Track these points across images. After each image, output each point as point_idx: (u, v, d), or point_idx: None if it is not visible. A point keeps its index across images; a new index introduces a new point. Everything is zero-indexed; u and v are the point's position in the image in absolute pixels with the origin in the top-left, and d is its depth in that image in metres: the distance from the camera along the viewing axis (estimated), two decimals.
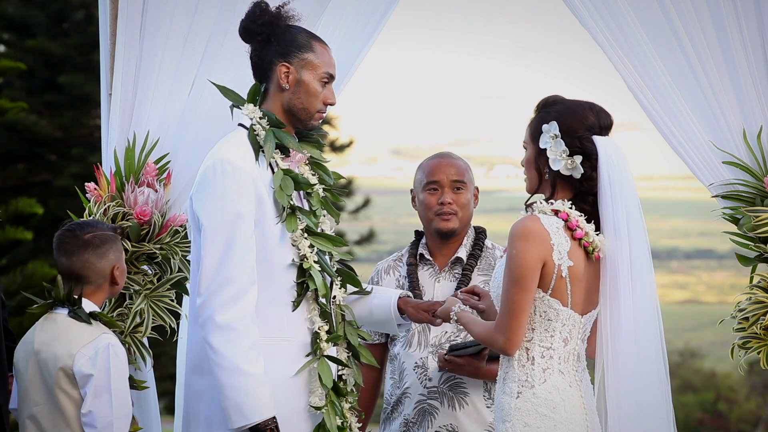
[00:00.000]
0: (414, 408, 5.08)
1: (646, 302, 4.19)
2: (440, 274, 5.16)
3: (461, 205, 5.14)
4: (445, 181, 5.13)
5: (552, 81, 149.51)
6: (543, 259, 4.15)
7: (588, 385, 4.27)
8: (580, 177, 4.22)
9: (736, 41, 4.94)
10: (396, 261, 5.29)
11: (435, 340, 5.08)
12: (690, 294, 67.29)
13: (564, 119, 4.24)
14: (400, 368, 5.13)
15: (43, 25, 19.47)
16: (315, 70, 4.50)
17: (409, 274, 5.18)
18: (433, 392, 5.06)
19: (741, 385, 26.44)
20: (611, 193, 4.18)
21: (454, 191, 5.13)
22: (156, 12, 5.09)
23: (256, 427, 4.25)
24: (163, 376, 15.75)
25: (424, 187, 5.17)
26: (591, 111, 4.25)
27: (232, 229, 4.31)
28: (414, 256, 5.22)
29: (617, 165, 4.19)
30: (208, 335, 4.28)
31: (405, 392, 5.10)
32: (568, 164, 4.22)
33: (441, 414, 5.04)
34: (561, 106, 4.27)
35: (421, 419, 5.06)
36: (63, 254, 4.44)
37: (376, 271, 5.31)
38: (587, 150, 4.21)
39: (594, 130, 4.23)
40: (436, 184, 5.14)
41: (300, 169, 4.54)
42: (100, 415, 4.27)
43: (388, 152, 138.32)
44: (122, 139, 5.09)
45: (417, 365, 5.08)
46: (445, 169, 5.15)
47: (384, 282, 5.24)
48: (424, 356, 5.08)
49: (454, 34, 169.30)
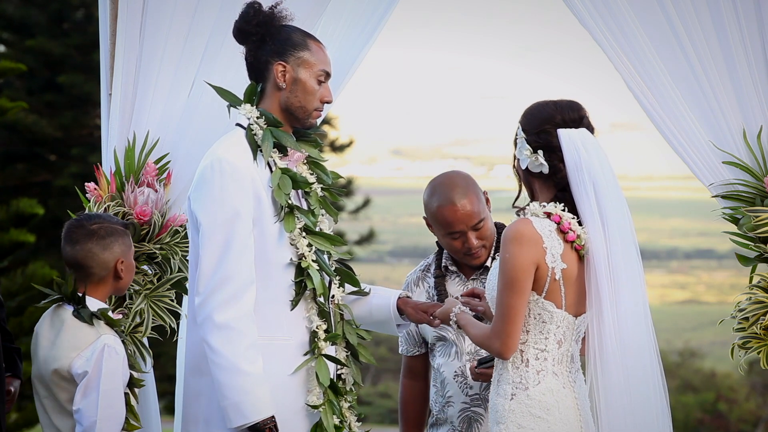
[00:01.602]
0: (459, 416, 5.05)
1: (630, 297, 4.16)
2: (467, 282, 5.10)
3: (486, 237, 5.02)
4: (466, 229, 4.98)
5: (552, 81, 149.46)
6: (536, 262, 4.15)
7: (582, 386, 4.27)
8: (550, 172, 4.23)
9: (736, 41, 4.94)
10: (423, 272, 5.22)
11: (471, 348, 5.04)
12: (690, 294, 67.23)
13: (526, 119, 4.29)
14: (440, 377, 5.10)
15: (43, 25, 19.46)
16: (311, 68, 4.50)
17: (437, 286, 5.13)
18: (476, 399, 5.04)
19: (741, 385, 26.44)
20: (581, 182, 4.17)
21: (476, 230, 4.99)
22: (156, 12, 5.09)
23: (255, 426, 4.26)
24: (163, 376, 15.75)
25: (444, 236, 5.02)
26: (554, 106, 4.27)
27: (231, 228, 4.32)
28: (439, 267, 5.16)
29: (585, 154, 4.18)
30: (207, 335, 4.28)
31: (448, 401, 5.08)
32: (533, 161, 4.24)
33: (486, 420, 5.00)
34: (528, 109, 4.32)
35: (468, 427, 5.04)
36: (68, 243, 4.46)
37: (406, 284, 5.24)
38: (547, 144, 4.22)
39: (557, 124, 4.23)
40: (457, 234, 4.99)
41: (298, 168, 4.54)
42: (86, 414, 4.29)
43: (388, 152, 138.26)
44: (122, 139, 5.10)
45: (456, 374, 5.05)
46: (462, 219, 4.95)
47: (414, 294, 5.17)
48: (462, 365, 5.04)
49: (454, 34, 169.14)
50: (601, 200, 4.18)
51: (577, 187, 4.19)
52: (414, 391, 5.29)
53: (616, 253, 4.17)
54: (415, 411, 5.29)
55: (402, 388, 5.33)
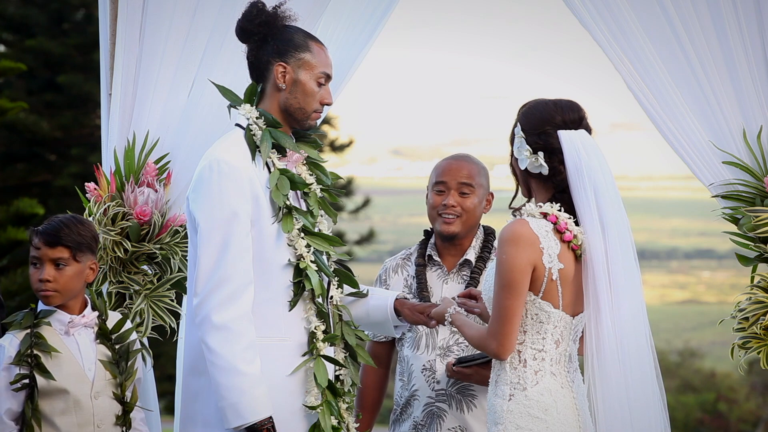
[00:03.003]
0: (423, 410, 5.07)
1: (628, 299, 4.16)
2: (448, 275, 5.15)
3: (466, 208, 5.10)
4: (452, 183, 5.10)
5: (552, 81, 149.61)
6: (533, 263, 4.15)
7: (580, 386, 4.26)
8: (549, 173, 4.23)
9: (736, 41, 4.94)
10: (404, 260, 5.27)
11: (443, 343, 5.07)
12: (690, 294, 67.28)
13: (525, 119, 4.27)
14: (408, 370, 5.12)
15: (43, 25, 19.48)
16: (311, 70, 4.50)
17: (418, 275, 5.17)
18: (441, 395, 5.05)
19: (741, 385, 26.43)
20: (581, 185, 4.17)
21: (460, 194, 5.10)
22: (156, 12, 5.09)
23: (253, 427, 4.25)
24: (163, 376, 15.76)
25: (432, 187, 5.16)
26: (555, 107, 4.26)
27: (229, 228, 4.31)
28: (423, 256, 5.20)
29: (585, 156, 4.17)
30: (205, 335, 4.28)
31: (413, 394, 5.10)
32: (533, 162, 4.24)
33: (449, 417, 5.03)
34: (526, 107, 4.30)
35: (430, 422, 5.05)
36: None
37: (384, 269, 5.30)
38: (549, 145, 4.21)
39: (557, 125, 4.23)
40: (443, 186, 5.12)
41: (297, 169, 4.54)
42: None
43: (388, 152, 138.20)
44: (122, 139, 5.09)
45: (425, 368, 5.07)
46: (455, 172, 5.11)
47: (391, 280, 5.24)
48: (432, 359, 5.06)
49: (454, 34, 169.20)
50: (600, 203, 4.18)
51: (577, 189, 4.18)
52: (374, 378, 5.29)
53: (614, 255, 4.17)
54: (373, 398, 5.30)
55: (362, 372, 5.30)
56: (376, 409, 5.35)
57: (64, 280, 4.42)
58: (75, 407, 4.39)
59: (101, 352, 4.48)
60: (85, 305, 4.50)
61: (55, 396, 4.36)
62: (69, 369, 4.39)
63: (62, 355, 4.38)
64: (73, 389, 4.38)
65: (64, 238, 4.41)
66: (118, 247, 4.95)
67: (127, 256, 4.96)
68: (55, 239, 4.41)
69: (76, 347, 4.44)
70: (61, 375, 4.36)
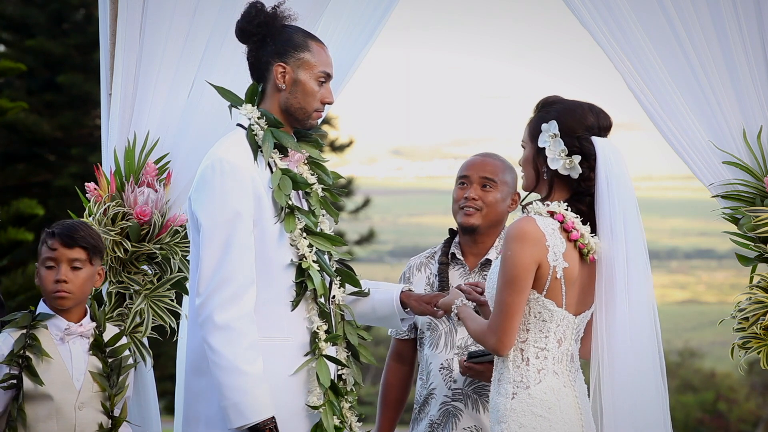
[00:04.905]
0: (439, 409, 5.07)
1: (643, 304, 4.19)
2: (470, 275, 5.16)
3: (487, 202, 5.11)
4: (474, 177, 5.14)
5: (552, 81, 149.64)
6: (538, 260, 4.15)
7: (582, 385, 4.27)
8: (577, 177, 4.22)
9: (736, 41, 4.94)
10: (428, 258, 5.28)
11: (461, 342, 5.07)
12: (690, 294, 67.28)
13: (564, 119, 4.24)
14: (427, 369, 5.13)
15: (43, 25, 19.49)
16: (311, 70, 4.50)
17: (440, 273, 5.18)
18: (458, 394, 5.06)
19: (741, 385, 26.45)
20: (609, 194, 4.18)
21: (482, 188, 5.13)
22: (156, 12, 5.09)
23: (255, 426, 4.25)
24: (163, 376, 15.75)
25: (456, 181, 5.21)
26: (591, 112, 4.26)
27: (231, 228, 4.31)
28: (446, 254, 5.22)
29: (615, 166, 4.19)
30: (207, 335, 4.28)
31: (431, 393, 5.11)
32: (566, 164, 4.22)
33: (465, 416, 5.04)
34: (561, 105, 4.27)
35: (446, 421, 5.06)
36: None
37: (408, 267, 5.32)
38: (586, 150, 4.21)
39: (593, 131, 4.24)
40: (466, 179, 5.16)
41: (299, 168, 4.54)
42: None
43: (388, 152, 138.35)
44: (122, 139, 5.09)
45: (443, 366, 5.08)
46: (478, 167, 5.16)
47: (415, 278, 5.24)
48: (450, 358, 5.07)
49: (454, 34, 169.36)
50: (624, 212, 4.19)
51: (602, 196, 4.18)
52: (398, 375, 5.31)
53: (633, 261, 4.18)
54: (396, 396, 5.32)
55: (386, 370, 5.34)
56: (399, 407, 5.36)
57: (79, 282, 4.43)
58: (57, 415, 4.37)
59: (92, 363, 4.46)
60: (85, 314, 4.50)
61: (38, 401, 4.35)
62: (57, 376, 4.38)
63: (53, 360, 4.38)
64: (57, 397, 4.37)
65: (80, 240, 4.42)
66: (118, 247, 4.95)
67: (127, 256, 4.96)
68: (72, 240, 4.42)
69: (68, 355, 4.43)
70: (48, 381, 4.35)
